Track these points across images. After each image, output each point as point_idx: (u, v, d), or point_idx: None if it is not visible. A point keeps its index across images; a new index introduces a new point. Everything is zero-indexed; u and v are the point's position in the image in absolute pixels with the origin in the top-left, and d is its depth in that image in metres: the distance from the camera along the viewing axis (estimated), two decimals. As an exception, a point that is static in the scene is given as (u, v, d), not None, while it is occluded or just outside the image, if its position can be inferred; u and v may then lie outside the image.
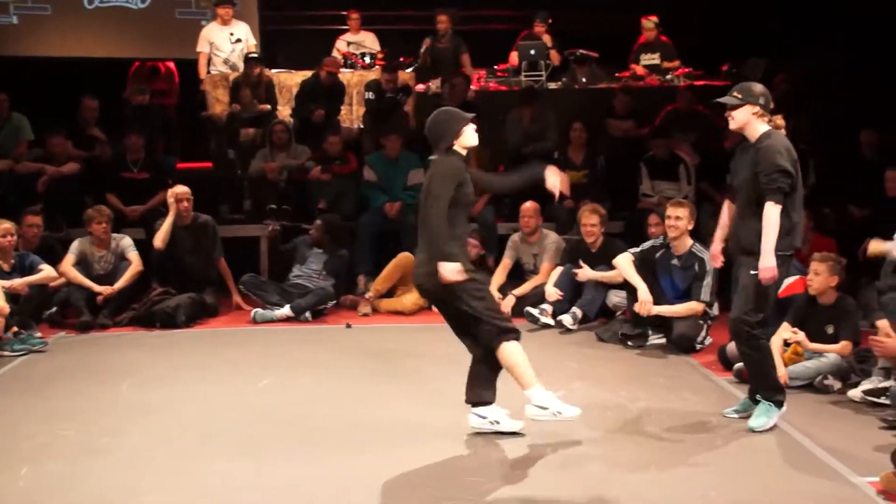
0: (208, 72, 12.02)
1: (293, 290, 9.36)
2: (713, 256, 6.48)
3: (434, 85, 12.15)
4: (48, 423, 6.03)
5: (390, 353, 7.82)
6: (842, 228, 9.36)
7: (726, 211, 6.19)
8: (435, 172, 5.57)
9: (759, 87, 5.84)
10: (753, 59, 11.76)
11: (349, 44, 12.64)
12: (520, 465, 5.30)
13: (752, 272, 5.71)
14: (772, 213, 5.61)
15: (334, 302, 9.48)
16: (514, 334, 5.59)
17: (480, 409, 5.70)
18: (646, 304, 7.88)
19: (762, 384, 5.90)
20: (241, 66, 11.72)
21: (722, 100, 5.89)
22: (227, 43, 12.03)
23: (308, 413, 6.24)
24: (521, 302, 9.06)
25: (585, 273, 8.70)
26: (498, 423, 5.70)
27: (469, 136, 5.61)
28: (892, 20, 10.87)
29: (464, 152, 5.64)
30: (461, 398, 5.71)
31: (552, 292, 8.84)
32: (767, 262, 5.63)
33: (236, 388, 6.86)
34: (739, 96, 5.79)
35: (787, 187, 5.63)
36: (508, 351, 5.54)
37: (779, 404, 5.85)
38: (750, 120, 5.77)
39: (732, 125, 5.85)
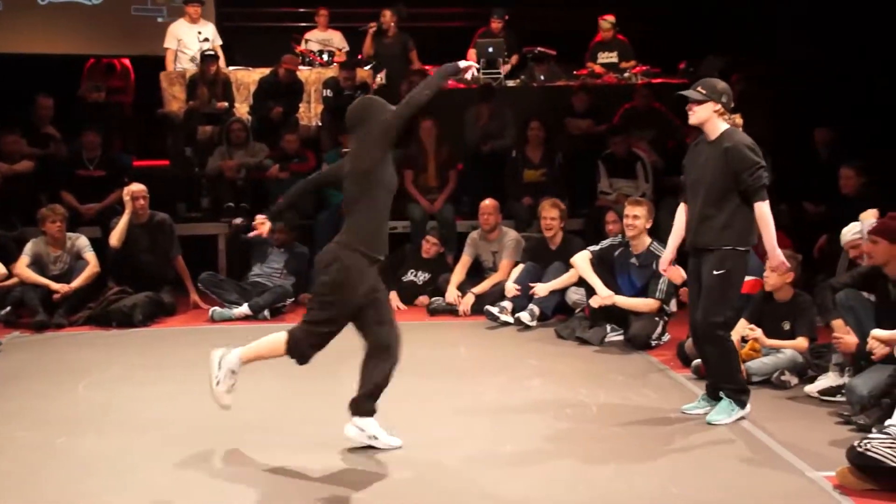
0: (175, 68, 11.93)
1: (251, 288, 9.32)
2: (665, 264, 6.27)
3: (380, 77, 12.11)
4: (3, 424, 5.96)
5: (348, 350, 7.75)
6: (797, 225, 9.46)
7: (682, 215, 6.03)
8: (360, 143, 5.34)
9: (722, 85, 5.84)
10: (710, 58, 11.84)
11: (307, 41, 12.59)
12: (480, 461, 5.29)
13: (716, 272, 5.70)
14: (766, 209, 5.66)
15: (293, 300, 9.44)
16: (301, 352, 5.55)
17: (359, 421, 5.45)
18: (606, 298, 7.97)
19: (727, 384, 5.90)
20: (208, 65, 11.67)
21: (686, 93, 5.84)
22: (195, 41, 11.97)
23: (265, 412, 6.21)
24: (481, 300, 9.08)
25: (543, 289, 8.68)
26: (376, 437, 5.43)
27: None
28: (848, 18, 10.99)
29: None
30: (417, 397, 5.69)
31: (511, 288, 8.86)
32: (777, 258, 5.80)
33: (193, 387, 6.79)
34: (704, 92, 5.77)
35: (768, 182, 5.68)
36: (276, 343, 5.57)
37: (742, 404, 5.89)
38: (711, 117, 5.76)
39: (692, 119, 5.82)
